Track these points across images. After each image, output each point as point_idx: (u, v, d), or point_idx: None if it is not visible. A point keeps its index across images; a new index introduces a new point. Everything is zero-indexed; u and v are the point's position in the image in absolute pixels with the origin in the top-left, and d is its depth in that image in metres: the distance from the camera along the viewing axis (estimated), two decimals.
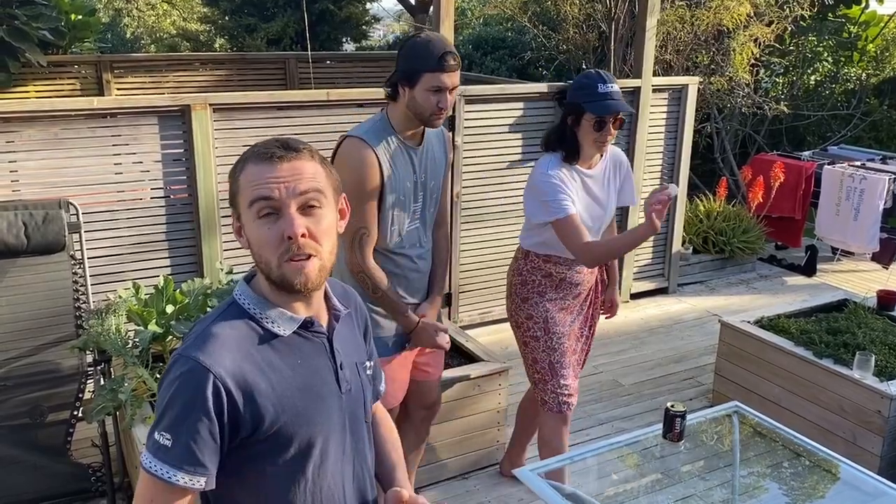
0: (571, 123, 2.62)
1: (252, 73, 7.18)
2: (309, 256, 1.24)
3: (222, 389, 1.19)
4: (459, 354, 3.34)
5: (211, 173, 3.76)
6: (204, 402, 1.18)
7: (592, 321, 2.97)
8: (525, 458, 3.25)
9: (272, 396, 1.23)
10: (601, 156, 2.74)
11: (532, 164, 4.74)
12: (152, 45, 12.26)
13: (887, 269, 5.92)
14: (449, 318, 4.57)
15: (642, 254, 5.36)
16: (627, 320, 4.98)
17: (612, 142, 2.71)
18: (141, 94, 6.56)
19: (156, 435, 1.19)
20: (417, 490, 3.10)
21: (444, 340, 2.50)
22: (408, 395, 2.66)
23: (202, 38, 10.80)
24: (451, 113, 2.30)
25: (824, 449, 2.58)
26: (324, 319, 1.35)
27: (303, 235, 1.22)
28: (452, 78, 2.28)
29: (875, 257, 5.98)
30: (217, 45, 10.70)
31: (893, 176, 5.56)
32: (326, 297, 1.37)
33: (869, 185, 5.58)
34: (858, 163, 6.02)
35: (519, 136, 4.66)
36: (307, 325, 1.31)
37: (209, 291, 3.01)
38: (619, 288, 3.14)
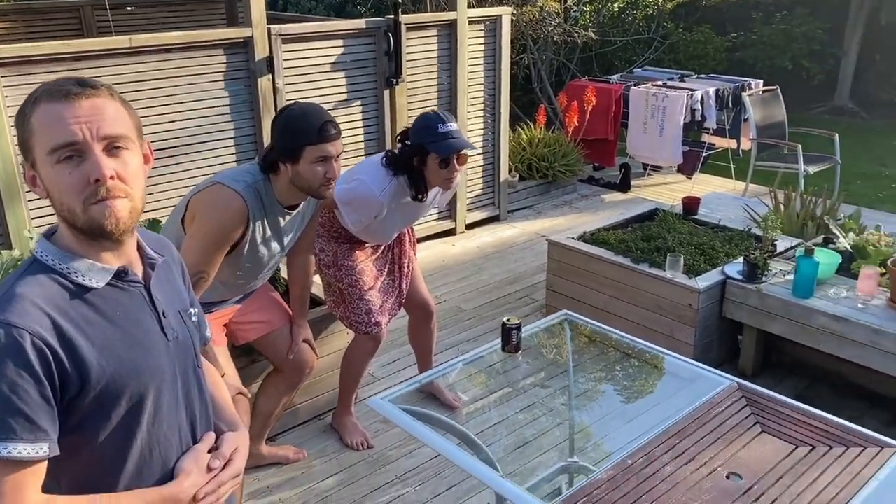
0: (418, 164, 2.72)
1: (41, 25, 6.51)
2: (118, 197, 1.18)
3: (45, 347, 1.12)
4: None
5: (5, 135, 3.42)
6: (28, 364, 1.10)
7: (398, 264, 3.11)
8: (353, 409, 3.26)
9: (94, 351, 1.18)
10: None
11: (357, 103, 4.71)
12: None
13: (690, 178, 6.49)
14: None
15: (474, 186, 5.52)
16: (465, 249, 5.16)
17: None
18: None
19: None
20: (274, 437, 3.10)
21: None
22: (270, 352, 2.78)
23: None
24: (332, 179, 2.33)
25: (647, 344, 2.83)
26: (138, 269, 1.30)
27: (111, 177, 1.16)
28: (336, 146, 2.29)
29: (680, 169, 6.53)
30: None
31: (691, 93, 6.04)
32: (139, 247, 1.32)
33: (670, 102, 6.03)
34: (660, 83, 6.48)
35: (342, 74, 4.59)
36: (121, 274, 1.25)
37: (20, 263, 2.79)
38: (455, 220, 3.29)
